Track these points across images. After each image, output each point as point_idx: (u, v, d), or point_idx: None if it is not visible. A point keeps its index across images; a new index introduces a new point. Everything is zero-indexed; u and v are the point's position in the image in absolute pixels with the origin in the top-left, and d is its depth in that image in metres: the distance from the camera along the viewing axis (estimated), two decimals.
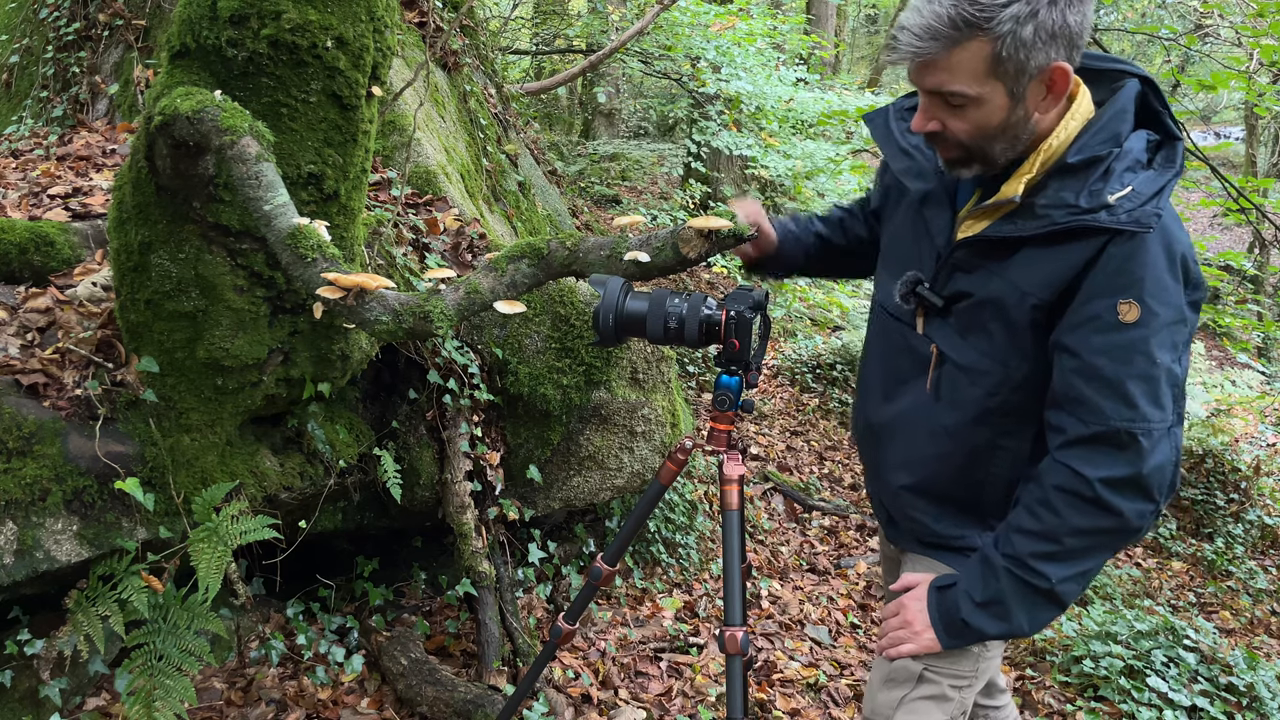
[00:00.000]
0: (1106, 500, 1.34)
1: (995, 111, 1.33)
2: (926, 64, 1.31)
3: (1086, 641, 3.41)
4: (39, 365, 1.98)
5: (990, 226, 1.42)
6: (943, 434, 1.53)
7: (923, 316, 1.54)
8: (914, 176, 1.55)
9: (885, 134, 1.62)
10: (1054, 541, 1.38)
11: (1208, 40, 7.48)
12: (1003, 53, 1.27)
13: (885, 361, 1.64)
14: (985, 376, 1.46)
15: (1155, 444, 1.33)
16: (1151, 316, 1.31)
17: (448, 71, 3.84)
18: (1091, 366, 1.34)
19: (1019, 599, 1.41)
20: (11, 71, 3.56)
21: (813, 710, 2.93)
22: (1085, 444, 1.36)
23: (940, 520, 1.59)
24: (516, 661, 2.66)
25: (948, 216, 1.51)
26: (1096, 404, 1.34)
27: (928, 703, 1.57)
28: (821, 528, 4.49)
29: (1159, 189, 1.32)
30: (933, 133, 1.39)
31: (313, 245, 1.41)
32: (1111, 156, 1.35)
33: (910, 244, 1.58)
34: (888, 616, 1.58)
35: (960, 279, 1.47)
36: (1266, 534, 5.56)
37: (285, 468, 2.27)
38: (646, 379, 2.94)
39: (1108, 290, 1.32)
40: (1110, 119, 1.37)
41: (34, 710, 2.05)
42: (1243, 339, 8.76)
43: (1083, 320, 1.34)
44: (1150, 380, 1.32)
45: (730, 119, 6.75)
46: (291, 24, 1.67)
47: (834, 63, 13.92)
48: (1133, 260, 1.31)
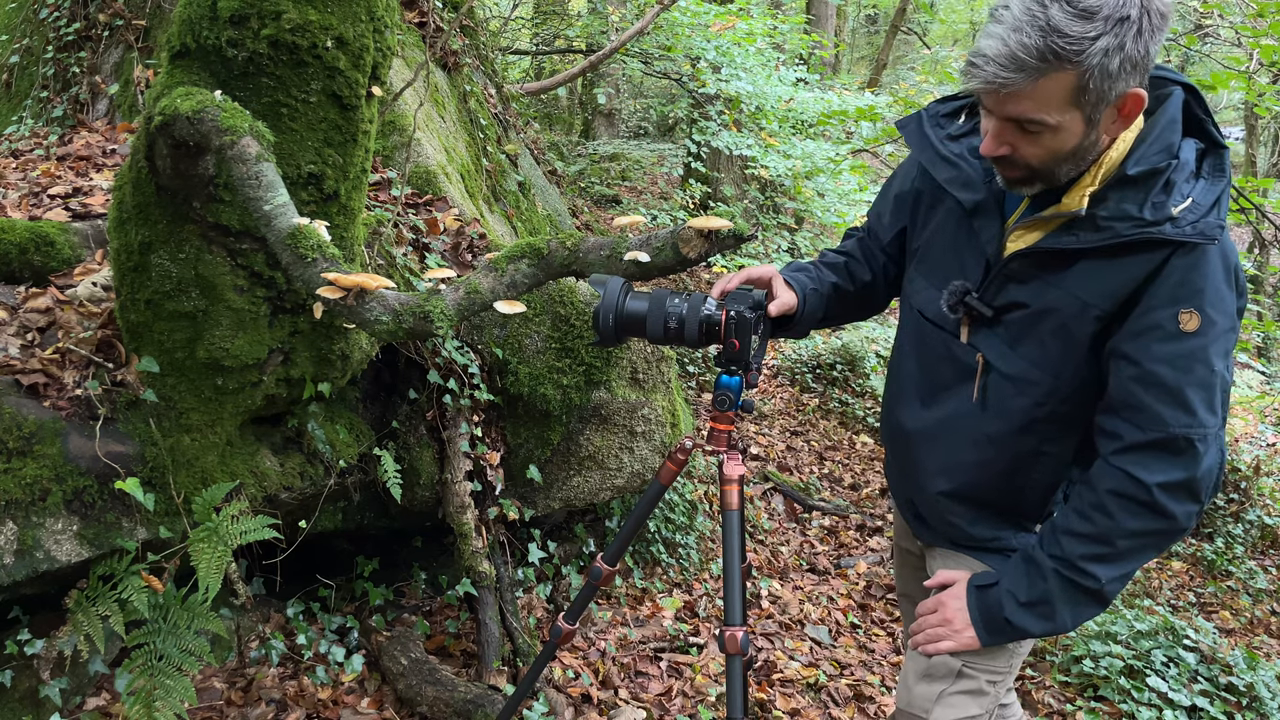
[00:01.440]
0: (1161, 504, 1.37)
1: (1070, 138, 1.32)
2: (1009, 95, 1.28)
3: (1086, 641, 3.41)
4: (39, 365, 1.98)
5: (1048, 237, 1.42)
6: (986, 442, 1.54)
7: (968, 325, 1.54)
8: (961, 186, 1.54)
9: (923, 141, 1.60)
10: (1107, 544, 1.40)
11: (1208, 40, 7.48)
12: (1089, 84, 1.25)
13: (923, 368, 1.64)
14: (1034, 387, 1.48)
15: (1209, 448, 1.36)
16: (1210, 325, 1.33)
17: (448, 71, 3.84)
18: (1152, 374, 1.35)
19: (1065, 599, 1.44)
20: (11, 71, 3.56)
21: (813, 710, 2.93)
22: (1143, 450, 1.38)
23: (977, 524, 1.61)
24: (516, 661, 2.66)
25: (998, 226, 1.50)
26: (1156, 411, 1.36)
27: (965, 697, 1.60)
28: (821, 528, 4.49)
29: (1216, 199, 1.34)
30: (997, 158, 1.38)
31: (313, 245, 1.41)
32: (1170, 168, 1.35)
33: (953, 253, 1.57)
34: (925, 613, 1.59)
35: (1013, 289, 1.47)
36: (1266, 534, 5.56)
37: (285, 468, 2.27)
38: (646, 379, 2.94)
39: (1170, 300, 1.34)
40: (1163, 130, 1.37)
41: (34, 710, 2.05)
42: (1243, 339, 8.76)
43: (1144, 329, 1.36)
44: (1208, 388, 1.35)
45: (730, 119, 6.74)
46: (291, 24, 1.67)
47: (834, 63, 13.92)
48: (1195, 271, 1.33)
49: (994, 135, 1.36)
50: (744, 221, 1.45)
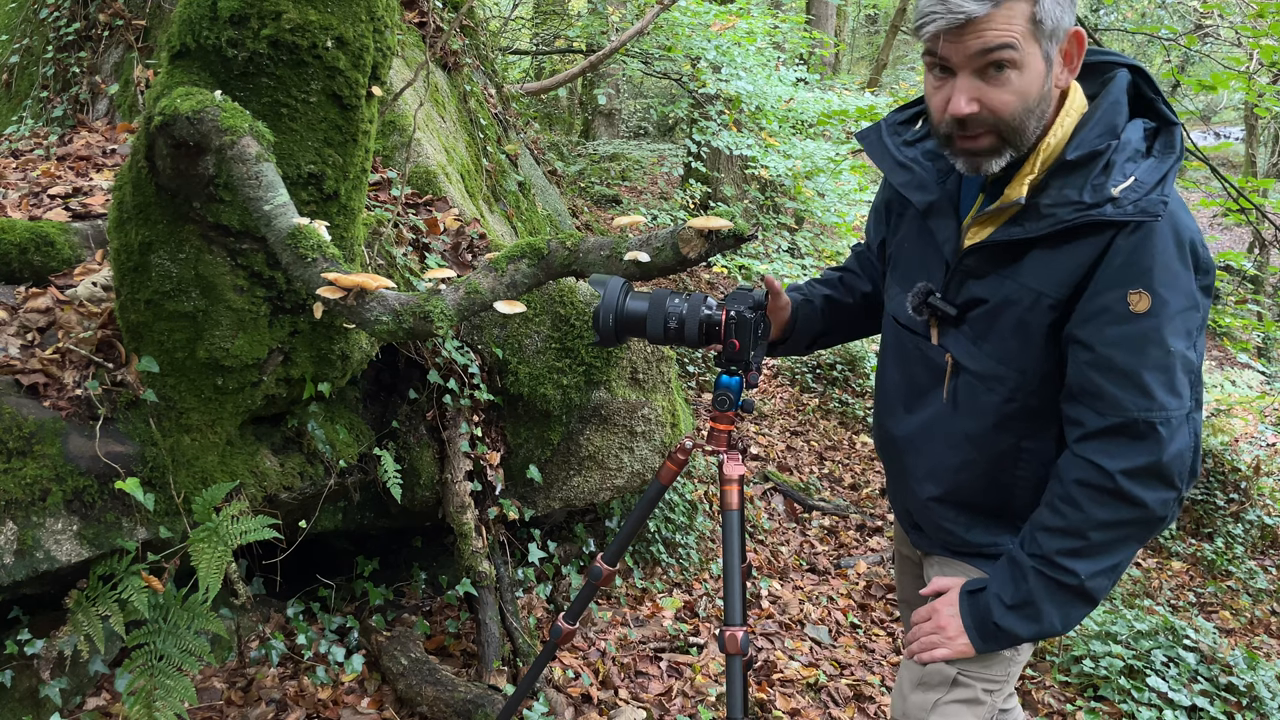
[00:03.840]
0: (1128, 491, 1.34)
1: (1036, 78, 1.32)
2: (973, 24, 1.28)
3: (1086, 641, 3.41)
4: (39, 365, 1.98)
5: (997, 231, 1.42)
6: (964, 443, 1.53)
7: (937, 327, 1.53)
8: (916, 189, 1.54)
9: (880, 149, 1.61)
10: (1079, 537, 1.38)
11: (1208, 40, 7.48)
12: (1042, 18, 1.28)
13: (902, 373, 1.64)
14: (1001, 382, 1.46)
15: (1174, 432, 1.33)
16: (1163, 305, 1.31)
17: (448, 71, 3.84)
18: (1106, 358, 1.34)
19: (1049, 598, 1.41)
20: (11, 71, 3.56)
21: (813, 710, 2.93)
22: (1103, 436, 1.36)
23: (972, 529, 1.58)
24: (516, 661, 2.66)
25: (953, 225, 1.50)
26: (1113, 395, 1.34)
27: (961, 706, 1.56)
28: (821, 528, 4.49)
29: (1162, 176, 1.32)
30: (967, 117, 1.35)
31: (313, 245, 1.41)
32: (1110, 149, 1.34)
33: (917, 256, 1.58)
34: (919, 621, 1.57)
35: (973, 286, 1.47)
36: (1266, 534, 5.56)
37: (285, 468, 2.27)
38: (646, 379, 2.94)
39: (1118, 282, 1.32)
40: (1104, 112, 1.37)
41: (34, 710, 2.05)
42: (1243, 339, 8.75)
43: (1094, 313, 1.34)
44: (1165, 369, 1.32)
45: (730, 119, 6.74)
46: (291, 24, 1.67)
47: (834, 63, 13.91)
48: (1141, 250, 1.31)
49: (962, 90, 1.33)
50: (744, 221, 1.45)
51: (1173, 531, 5.43)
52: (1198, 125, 15.21)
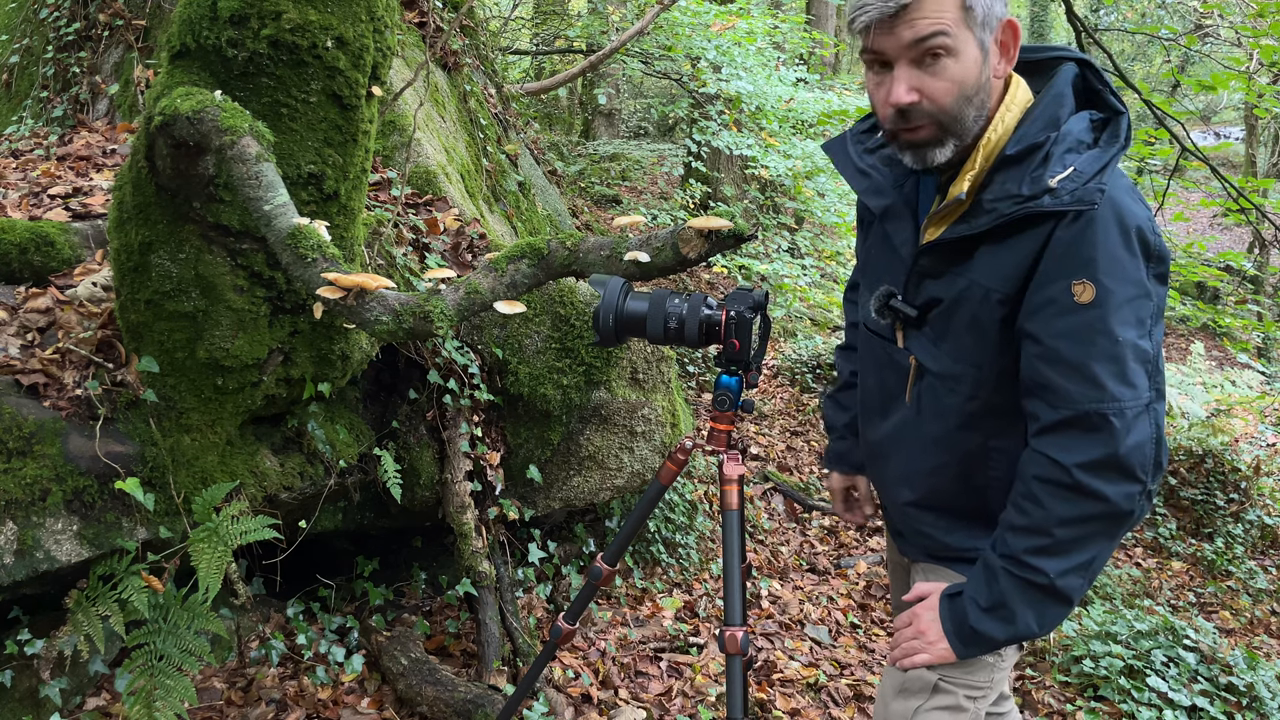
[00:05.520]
0: (1087, 485, 1.32)
1: (972, 66, 1.32)
2: (904, 12, 1.29)
3: (1086, 641, 3.41)
4: (39, 365, 1.98)
5: (947, 230, 1.43)
6: (933, 446, 1.52)
7: (901, 330, 1.54)
8: (873, 194, 1.55)
9: (844, 158, 1.62)
10: (1045, 535, 1.36)
11: (1208, 40, 7.48)
12: (969, 1, 1.29)
13: (876, 379, 1.64)
14: (960, 381, 1.46)
15: (1130, 423, 1.31)
16: (1108, 295, 1.29)
17: (448, 71, 3.84)
18: (1054, 350, 1.33)
19: (1022, 599, 1.39)
20: (11, 71, 3.56)
21: (813, 710, 2.93)
22: (1057, 430, 1.35)
23: (951, 533, 1.57)
24: (516, 661, 2.66)
25: (910, 228, 1.51)
26: (1063, 388, 1.32)
27: (943, 713, 1.55)
28: (821, 528, 4.49)
29: (1103, 165, 1.31)
30: (908, 107, 1.35)
31: (313, 245, 1.41)
32: (1049, 141, 1.34)
33: (882, 260, 1.58)
34: (900, 627, 1.56)
35: (929, 286, 1.47)
36: (1266, 534, 5.55)
37: (285, 468, 2.27)
38: (646, 379, 2.94)
39: (1061, 273, 1.31)
40: (1046, 105, 1.37)
41: (34, 710, 2.05)
42: (1243, 339, 8.76)
43: (1041, 305, 1.34)
44: (1115, 359, 1.31)
45: (730, 119, 6.74)
46: (291, 24, 1.67)
47: (834, 62, 13.92)
48: (1082, 241, 1.30)
49: (900, 80, 1.34)
50: (744, 221, 1.45)
51: (1173, 531, 5.43)
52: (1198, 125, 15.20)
